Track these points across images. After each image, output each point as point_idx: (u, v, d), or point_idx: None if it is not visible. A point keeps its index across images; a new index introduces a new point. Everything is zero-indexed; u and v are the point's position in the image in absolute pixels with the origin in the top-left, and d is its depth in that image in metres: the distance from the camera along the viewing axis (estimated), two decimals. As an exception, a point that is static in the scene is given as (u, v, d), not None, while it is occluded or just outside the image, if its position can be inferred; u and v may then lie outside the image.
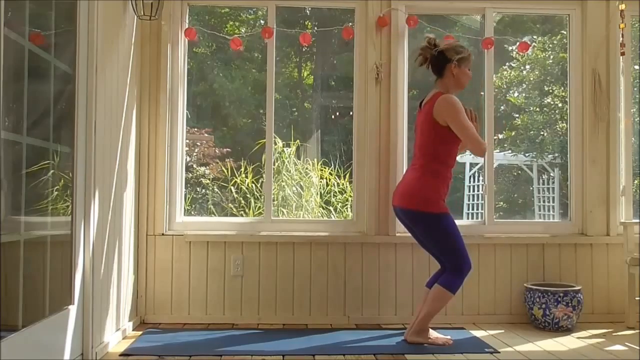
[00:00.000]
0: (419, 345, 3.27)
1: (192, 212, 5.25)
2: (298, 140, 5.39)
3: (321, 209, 5.18)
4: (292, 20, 5.19)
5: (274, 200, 4.98)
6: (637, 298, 3.76)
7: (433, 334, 3.35)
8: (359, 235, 3.93)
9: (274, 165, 5.11)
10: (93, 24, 2.93)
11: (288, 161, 5.23)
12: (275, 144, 5.13)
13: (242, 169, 5.19)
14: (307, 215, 5.08)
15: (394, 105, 3.96)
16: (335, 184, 5.23)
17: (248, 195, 5.16)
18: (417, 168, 3.34)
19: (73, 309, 2.80)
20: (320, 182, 5.22)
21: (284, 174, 5.20)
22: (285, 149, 5.23)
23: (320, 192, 5.20)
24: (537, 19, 6.47)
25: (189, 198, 5.28)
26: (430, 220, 3.28)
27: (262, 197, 4.59)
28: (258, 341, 3.36)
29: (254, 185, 5.14)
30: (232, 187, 5.20)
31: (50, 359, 2.57)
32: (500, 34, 4.70)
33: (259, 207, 4.95)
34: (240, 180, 5.16)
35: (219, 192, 5.46)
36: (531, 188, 7.42)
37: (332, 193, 5.23)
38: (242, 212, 5.12)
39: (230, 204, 5.27)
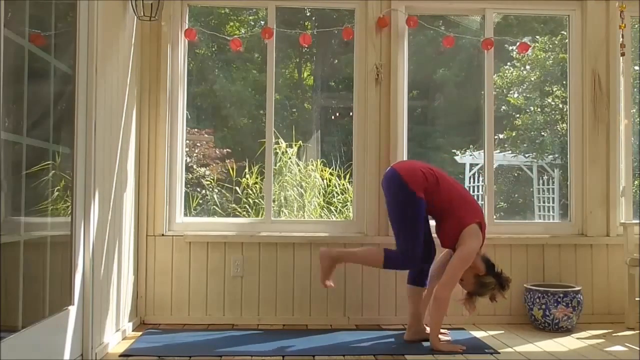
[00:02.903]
0: (419, 346, 3.26)
1: (193, 213, 5.25)
2: (300, 142, 5.39)
3: (323, 209, 5.18)
4: (292, 21, 5.20)
5: (275, 201, 4.98)
6: (637, 299, 3.76)
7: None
8: (359, 236, 3.93)
9: (275, 165, 5.11)
10: (93, 25, 2.93)
11: (290, 162, 5.22)
12: (278, 144, 5.14)
13: (247, 170, 5.19)
14: (309, 216, 5.08)
15: (394, 106, 3.96)
16: (337, 184, 5.23)
17: (252, 196, 5.15)
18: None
19: (73, 310, 2.80)
20: (321, 182, 5.22)
21: (287, 175, 5.19)
22: (287, 149, 5.23)
23: (323, 193, 5.20)
24: (540, 19, 6.47)
25: (195, 199, 5.29)
26: (409, 196, 3.26)
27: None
28: (258, 342, 3.36)
29: (258, 186, 5.13)
30: (236, 188, 5.20)
31: (50, 359, 2.57)
32: (503, 34, 4.70)
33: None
34: (245, 181, 5.15)
35: (224, 193, 5.45)
36: (531, 189, 7.42)
37: (333, 193, 5.24)
38: (246, 212, 5.10)
39: (233, 204, 5.26)
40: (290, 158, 5.20)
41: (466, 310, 3.41)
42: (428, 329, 3.38)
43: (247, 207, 5.15)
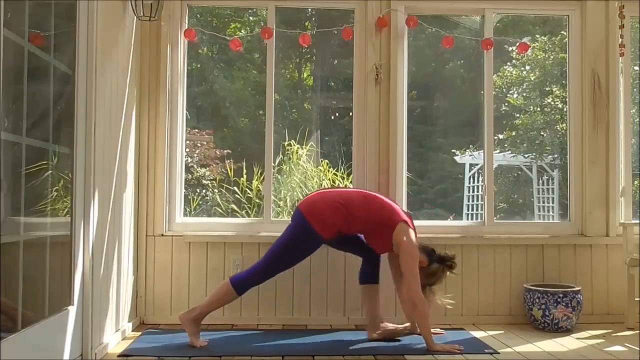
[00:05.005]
0: (420, 347, 3.26)
1: (193, 214, 5.24)
2: (312, 143, 5.39)
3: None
4: (292, 21, 5.20)
5: (281, 201, 4.98)
6: (637, 299, 3.76)
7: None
8: (359, 236, 3.93)
9: (283, 166, 5.12)
10: (93, 25, 2.93)
11: (296, 163, 5.21)
12: (291, 145, 5.16)
13: (256, 171, 5.17)
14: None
15: (393, 106, 3.96)
16: (340, 185, 5.23)
17: (255, 197, 5.14)
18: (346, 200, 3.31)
19: (72, 310, 2.80)
20: (327, 183, 5.21)
21: (295, 176, 5.18)
22: (298, 150, 5.22)
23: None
24: (538, 20, 6.47)
25: (196, 200, 5.28)
26: (307, 232, 3.25)
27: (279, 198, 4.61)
28: (258, 342, 3.36)
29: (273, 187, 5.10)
30: (245, 189, 5.19)
31: (50, 359, 2.57)
32: (501, 34, 4.70)
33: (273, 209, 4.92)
34: (251, 183, 5.14)
35: (226, 194, 5.45)
36: (531, 189, 7.42)
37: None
38: (252, 214, 5.08)
39: (233, 205, 5.25)
40: (300, 159, 5.20)
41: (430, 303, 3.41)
42: (387, 324, 3.45)
43: (249, 208, 5.14)
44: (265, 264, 3.30)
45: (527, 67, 7.39)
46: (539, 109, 7.33)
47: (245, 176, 5.13)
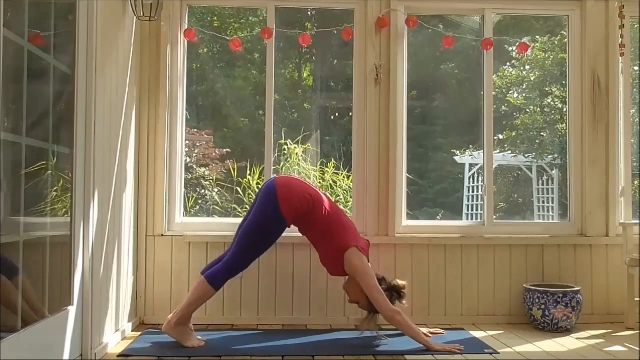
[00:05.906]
0: (421, 347, 3.26)
1: (191, 213, 5.24)
2: (308, 144, 5.39)
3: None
4: (292, 21, 5.20)
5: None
6: (637, 299, 3.76)
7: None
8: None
9: (280, 166, 5.12)
10: (92, 25, 2.93)
11: (294, 163, 5.21)
12: (288, 146, 5.16)
13: (254, 171, 5.17)
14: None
15: (393, 106, 3.96)
16: (342, 185, 5.24)
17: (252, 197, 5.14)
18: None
19: (72, 310, 2.80)
20: (331, 183, 5.23)
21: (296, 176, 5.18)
22: (296, 150, 5.22)
23: (329, 193, 5.20)
24: (538, 19, 6.48)
25: (193, 197, 5.27)
26: (273, 212, 3.26)
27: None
28: (258, 342, 3.36)
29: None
30: (246, 189, 5.19)
31: (50, 359, 2.57)
32: (502, 35, 4.70)
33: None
34: (255, 182, 5.14)
35: (225, 194, 5.45)
36: (531, 189, 7.43)
37: (338, 193, 5.23)
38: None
39: (235, 205, 5.26)
40: (298, 160, 5.20)
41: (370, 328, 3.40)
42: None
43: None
44: (240, 256, 3.29)
45: (527, 67, 7.39)
46: (539, 109, 7.33)
47: (249, 177, 5.13)
